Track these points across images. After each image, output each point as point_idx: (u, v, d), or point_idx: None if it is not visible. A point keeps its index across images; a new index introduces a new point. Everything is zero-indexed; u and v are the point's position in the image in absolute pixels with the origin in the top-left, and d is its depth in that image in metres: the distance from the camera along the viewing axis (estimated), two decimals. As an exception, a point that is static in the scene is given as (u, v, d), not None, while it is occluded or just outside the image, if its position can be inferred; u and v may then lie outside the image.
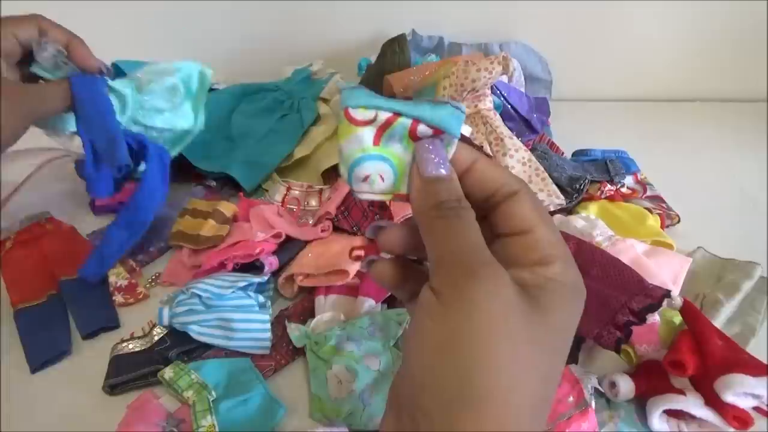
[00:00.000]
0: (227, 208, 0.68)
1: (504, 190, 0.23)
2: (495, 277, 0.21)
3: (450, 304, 0.21)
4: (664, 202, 0.76)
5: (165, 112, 0.62)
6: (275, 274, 0.63)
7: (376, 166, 0.23)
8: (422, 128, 0.22)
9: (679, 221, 0.73)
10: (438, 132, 0.22)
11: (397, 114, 0.22)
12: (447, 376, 0.20)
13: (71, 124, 0.55)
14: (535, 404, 0.21)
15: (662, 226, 0.70)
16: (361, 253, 0.60)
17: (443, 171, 0.22)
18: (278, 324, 0.58)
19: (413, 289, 0.26)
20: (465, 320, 0.20)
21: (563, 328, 0.22)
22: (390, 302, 0.60)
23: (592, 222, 0.66)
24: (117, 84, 0.57)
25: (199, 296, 0.56)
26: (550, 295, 0.22)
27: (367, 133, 0.23)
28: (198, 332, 0.54)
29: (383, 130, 0.23)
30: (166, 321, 0.55)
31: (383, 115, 0.22)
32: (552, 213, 0.70)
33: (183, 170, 0.74)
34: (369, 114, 0.22)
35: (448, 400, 0.20)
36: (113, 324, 0.59)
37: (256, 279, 0.59)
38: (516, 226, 0.23)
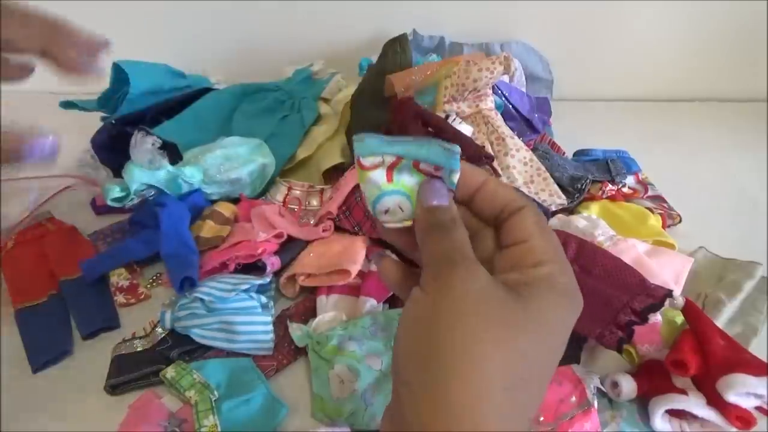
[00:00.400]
0: (225, 208, 0.68)
1: (511, 207, 0.26)
2: (473, 268, 0.23)
3: (430, 289, 0.23)
4: (666, 201, 0.76)
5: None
6: (277, 273, 0.63)
7: (394, 199, 0.27)
8: (423, 165, 0.26)
9: (680, 221, 0.73)
10: (438, 168, 0.26)
11: (400, 157, 0.26)
12: (421, 349, 0.22)
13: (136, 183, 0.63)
14: (512, 382, 0.21)
15: (664, 226, 0.70)
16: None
17: (444, 202, 0.26)
18: (280, 324, 0.58)
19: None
20: (440, 299, 0.23)
21: (547, 321, 0.23)
22: (392, 302, 0.60)
23: (594, 222, 0.66)
24: (188, 173, 0.66)
25: (202, 300, 0.56)
26: (536, 291, 0.23)
27: (379, 174, 0.26)
28: (201, 336, 0.54)
29: (392, 168, 0.26)
30: (168, 324, 0.55)
31: (389, 159, 0.26)
32: (554, 213, 0.70)
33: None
34: (376, 159, 0.26)
35: (423, 371, 0.22)
36: (113, 324, 0.59)
37: (258, 281, 0.59)
38: (517, 236, 0.25)
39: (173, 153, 0.68)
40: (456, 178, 0.26)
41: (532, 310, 0.23)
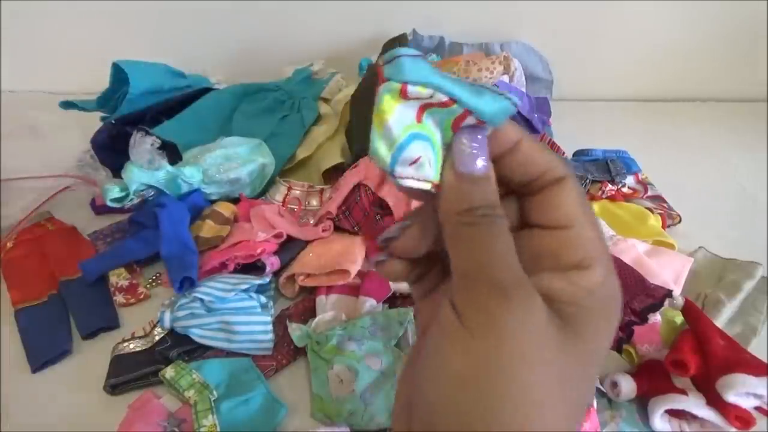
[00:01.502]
0: (225, 208, 0.68)
1: (548, 176, 0.20)
2: (528, 303, 0.19)
3: (476, 329, 0.18)
4: (666, 201, 0.76)
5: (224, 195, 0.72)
6: (276, 273, 0.63)
7: (425, 146, 0.19)
8: (470, 119, 0.19)
9: (680, 221, 0.73)
10: (481, 123, 0.19)
11: (453, 100, 0.19)
12: (471, 411, 0.18)
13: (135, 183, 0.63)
14: None
15: (663, 226, 0.70)
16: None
17: (481, 168, 0.19)
18: (279, 324, 0.58)
19: (429, 286, 0.24)
20: (493, 351, 0.18)
21: (597, 350, 0.20)
22: (391, 302, 0.60)
23: (594, 222, 0.66)
24: (188, 173, 0.66)
25: (201, 300, 0.56)
26: (586, 316, 0.19)
27: (412, 108, 0.19)
28: (200, 335, 0.54)
29: (428, 107, 0.19)
30: (168, 324, 0.55)
31: (441, 97, 0.18)
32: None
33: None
34: (426, 92, 0.18)
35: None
36: (113, 324, 0.59)
37: (258, 281, 0.59)
38: (556, 218, 0.20)
39: (173, 153, 0.68)
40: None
41: (582, 349, 0.19)
